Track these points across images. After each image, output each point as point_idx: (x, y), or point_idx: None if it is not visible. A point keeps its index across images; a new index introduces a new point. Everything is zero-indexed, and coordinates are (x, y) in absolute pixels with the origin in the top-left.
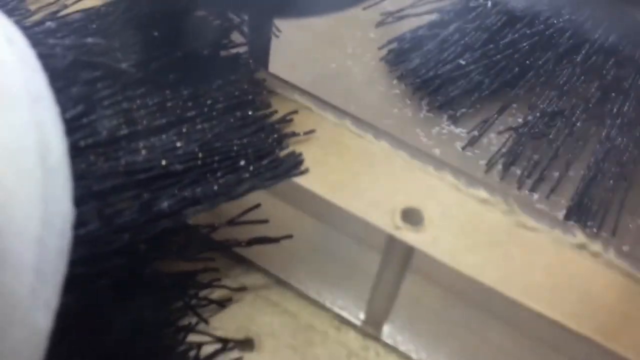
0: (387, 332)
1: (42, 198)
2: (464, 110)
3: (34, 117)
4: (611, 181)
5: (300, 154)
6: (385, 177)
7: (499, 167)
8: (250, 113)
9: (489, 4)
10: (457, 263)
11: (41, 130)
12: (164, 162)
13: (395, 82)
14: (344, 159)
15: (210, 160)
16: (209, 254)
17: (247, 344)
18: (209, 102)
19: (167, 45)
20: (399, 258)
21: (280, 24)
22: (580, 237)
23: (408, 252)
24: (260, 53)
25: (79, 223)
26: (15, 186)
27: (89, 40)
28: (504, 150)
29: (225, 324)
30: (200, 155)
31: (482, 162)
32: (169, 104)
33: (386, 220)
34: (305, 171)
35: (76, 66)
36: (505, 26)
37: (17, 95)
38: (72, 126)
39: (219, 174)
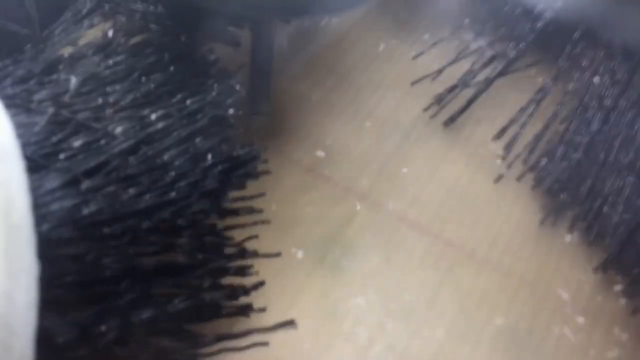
0: None
1: (5, 255)
2: None
3: (0, 175)
4: None
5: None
6: None
7: None
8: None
9: None
10: None
11: (6, 188)
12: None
13: None
14: None
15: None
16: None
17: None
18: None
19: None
20: None
21: None
22: None
23: None
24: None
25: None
26: None
27: (72, 87)
28: None
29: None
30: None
31: None
32: None
33: None
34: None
35: (57, 121)
36: None
37: None
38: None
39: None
